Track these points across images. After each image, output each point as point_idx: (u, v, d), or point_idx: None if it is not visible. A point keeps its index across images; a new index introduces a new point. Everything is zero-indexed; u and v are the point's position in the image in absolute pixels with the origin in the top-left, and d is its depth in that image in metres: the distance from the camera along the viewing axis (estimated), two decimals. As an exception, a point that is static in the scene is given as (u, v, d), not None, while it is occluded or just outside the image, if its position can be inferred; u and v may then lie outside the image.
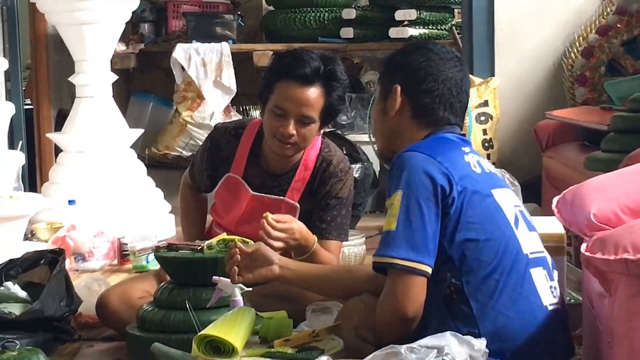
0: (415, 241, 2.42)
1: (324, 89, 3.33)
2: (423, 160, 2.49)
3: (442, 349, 1.88)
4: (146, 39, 6.96)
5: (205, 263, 3.21)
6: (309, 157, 3.49)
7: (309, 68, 3.30)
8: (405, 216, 2.43)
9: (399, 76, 2.67)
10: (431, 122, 2.64)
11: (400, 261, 2.41)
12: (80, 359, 3.37)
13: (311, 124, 3.35)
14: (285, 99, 3.33)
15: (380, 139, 2.76)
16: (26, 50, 6.47)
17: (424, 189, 2.45)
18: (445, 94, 2.64)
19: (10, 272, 3.69)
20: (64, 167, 5.59)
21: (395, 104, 2.65)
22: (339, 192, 3.49)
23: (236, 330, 2.67)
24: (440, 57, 2.66)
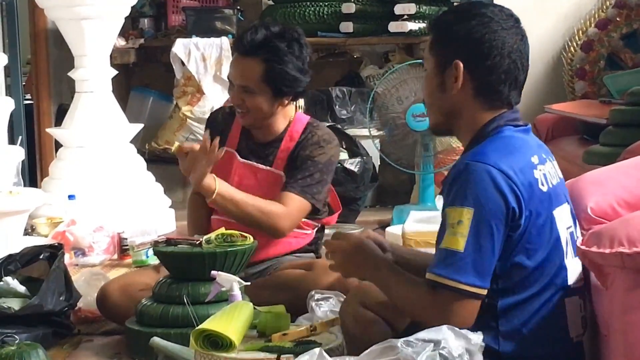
0: (483, 267, 2.28)
1: (261, 61, 3.46)
2: (497, 177, 2.30)
3: (439, 342, 1.88)
4: (146, 34, 6.95)
5: (204, 257, 3.22)
6: (294, 129, 3.59)
7: (248, 40, 3.49)
8: (475, 239, 2.27)
9: (460, 50, 2.41)
10: (494, 102, 2.43)
11: (466, 287, 2.27)
12: (79, 353, 3.38)
13: (254, 94, 3.49)
14: (231, 70, 3.57)
15: (435, 114, 2.52)
16: (26, 45, 6.47)
17: (497, 210, 2.29)
18: (512, 68, 2.41)
19: (9, 267, 3.70)
20: (63, 162, 5.60)
21: (458, 83, 2.41)
22: (317, 157, 3.54)
23: (234, 324, 2.67)
24: (502, 26, 2.40)
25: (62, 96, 6.47)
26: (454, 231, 2.29)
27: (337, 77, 7.17)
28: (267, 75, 3.46)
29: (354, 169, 5.39)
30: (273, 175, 3.56)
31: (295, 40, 3.51)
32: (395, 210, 5.34)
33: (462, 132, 2.49)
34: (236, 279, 3.04)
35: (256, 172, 3.57)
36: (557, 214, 2.40)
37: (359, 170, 5.41)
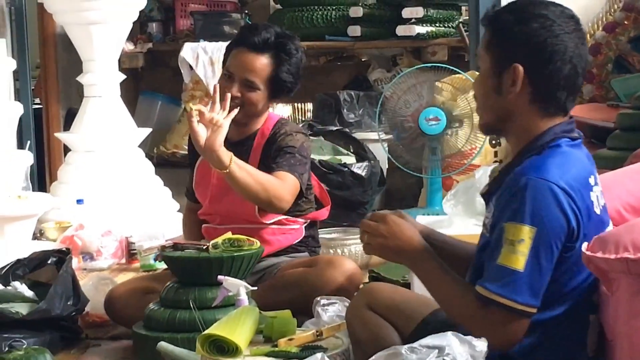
0: (539, 286, 2.24)
1: (272, 59, 3.55)
2: (560, 196, 2.23)
3: (443, 348, 1.88)
4: (154, 38, 6.97)
5: (211, 262, 3.23)
6: (266, 127, 3.64)
7: (260, 37, 3.54)
8: (536, 259, 2.21)
9: (520, 53, 2.31)
10: (550, 108, 2.33)
11: (522, 306, 2.22)
12: (87, 357, 3.39)
13: (256, 90, 3.54)
14: (233, 63, 3.57)
15: (487, 115, 2.42)
16: (35, 50, 6.49)
17: (559, 230, 2.23)
18: (571, 75, 2.31)
19: (17, 271, 3.72)
20: (72, 167, 5.61)
21: (516, 87, 2.32)
22: (290, 143, 3.57)
23: (240, 329, 2.68)
24: (564, 30, 2.30)
25: (71, 100, 6.49)
26: (515, 249, 2.22)
27: (344, 80, 7.18)
28: (274, 74, 3.54)
29: (362, 172, 5.39)
30: None
31: (298, 44, 3.62)
32: (403, 214, 5.33)
33: (513, 136, 2.40)
34: (243, 283, 3.04)
35: None
36: None
37: (367, 174, 5.41)
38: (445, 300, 2.33)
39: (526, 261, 2.21)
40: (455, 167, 5.07)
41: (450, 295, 2.31)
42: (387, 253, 2.44)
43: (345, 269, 3.45)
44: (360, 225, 2.51)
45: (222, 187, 3.57)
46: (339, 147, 5.64)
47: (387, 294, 2.51)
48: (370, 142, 5.89)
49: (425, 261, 2.37)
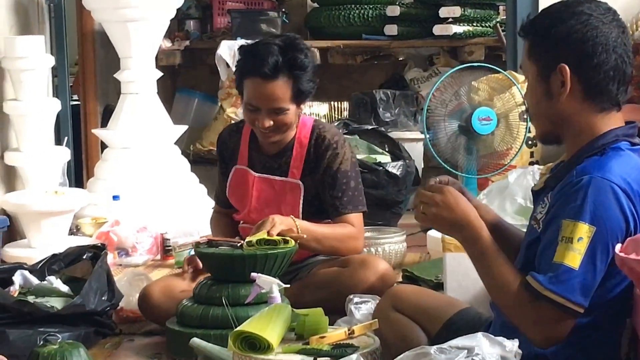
0: (591, 288, 2.23)
1: (289, 78, 3.45)
2: (621, 198, 2.22)
3: (473, 349, 1.87)
4: (191, 36, 7.00)
5: (244, 259, 3.24)
6: (302, 135, 3.59)
7: (269, 64, 3.42)
8: (591, 259, 2.21)
9: (563, 53, 2.30)
10: (604, 102, 2.32)
11: (573, 305, 2.22)
12: (120, 352, 3.41)
13: (285, 112, 3.48)
14: (253, 96, 3.47)
15: (543, 124, 2.41)
16: (74, 47, 6.53)
17: (618, 232, 2.22)
18: (619, 63, 2.29)
19: (53, 266, 3.75)
20: (108, 163, 5.65)
21: (566, 87, 2.31)
22: (341, 166, 3.56)
23: (272, 326, 2.68)
24: (602, 21, 2.29)
25: (108, 97, 6.53)
26: (572, 247, 2.21)
27: (381, 79, 7.17)
28: (296, 90, 3.47)
29: (396, 172, 5.38)
30: (290, 185, 3.58)
31: (305, 47, 3.53)
32: (438, 213, 5.32)
33: (571, 138, 2.38)
34: (276, 281, 3.05)
35: (273, 184, 3.60)
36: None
37: (402, 173, 5.40)
38: (493, 284, 2.32)
39: (582, 260, 2.20)
40: (490, 167, 5.05)
41: (500, 280, 2.30)
42: (441, 224, 2.42)
43: (378, 269, 3.46)
44: (416, 195, 2.48)
45: (263, 199, 3.58)
46: (374, 146, 5.63)
47: (412, 295, 2.51)
48: (406, 141, 5.88)
49: (478, 240, 2.35)
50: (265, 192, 3.59)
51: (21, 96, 5.24)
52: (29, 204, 4.88)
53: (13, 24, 5.51)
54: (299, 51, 3.48)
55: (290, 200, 3.52)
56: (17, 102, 5.25)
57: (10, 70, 5.25)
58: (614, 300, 2.31)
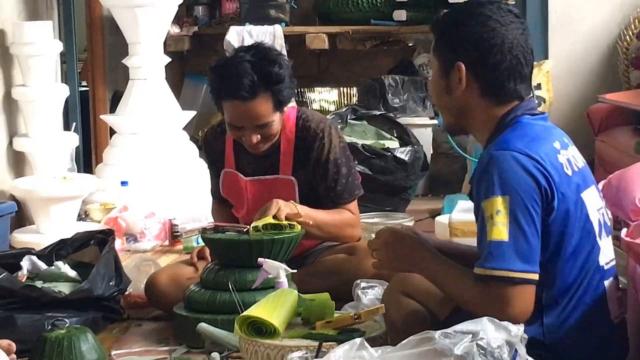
0: (529, 251, 2.29)
1: (268, 94, 3.38)
2: (523, 161, 2.31)
3: (477, 333, 1.87)
4: (200, 22, 6.98)
5: (251, 244, 3.24)
6: (287, 129, 3.54)
7: (245, 86, 3.34)
8: (517, 226, 2.28)
9: (460, 51, 2.44)
10: (503, 98, 2.43)
11: (516, 274, 2.27)
12: (128, 337, 3.42)
13: (270, 124, 3.43)
14: (235, 117, 3.42)
15: (447, 116, 2.55)
16: (82, 32, 6.53)
17: (529, 191, 2.29)
18: (514, 64, 2.41)
19: (61, 251, 3.76)
20: (117, 149, 5.65)
21: (462, 84, 2.44)
22: (329, 155, 3.53)
23: (278, 311, 2.69)
24: (500, 22, 2.41)
25: (117, 83, 6.53)
26: (495, 222, 2.28)
27: (390, 65, 7.15)
28: (277, 101, 3.41)
29: (405, 157, 5.37)
30: (282, 182, 3.55)
31: (275, 55, 3.46)
32: (447, 199, 5.33)
33: (477, 130, 2.50)
34: (282, 266, 3.06)
35: (265, 184, 3.56)
36: (586, 196, 2.40)
37: (410, 159, 5.39)
38: (455, 292, 2.40)
39: (508, 230, 2.27)
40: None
41: (458, 286, 2.38)
42: (394, 263, 2.56)
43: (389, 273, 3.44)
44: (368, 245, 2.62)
45: (259, 200, 3.52)
46: (383, 132, 5.63)
47: (421, 279, 2.53)
48: (414, 127, 5.87)
49: (426, 259, 2.47)
50: (260, 193, 3.54)
51: (29, 82, 5.24)
52: (37, 189, 4.89)
53: (22, 9, 5.51)
54: (272, 63, 3.39)
55: (285, 197, 3.43)
56: (26, 88, 5.26)
57: (18, 56, 5.25)
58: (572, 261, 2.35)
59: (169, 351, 3.19)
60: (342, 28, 6.80)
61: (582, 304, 2.37)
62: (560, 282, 2.35)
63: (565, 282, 2.36)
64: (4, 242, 4.43)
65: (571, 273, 2.36)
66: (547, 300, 2.35)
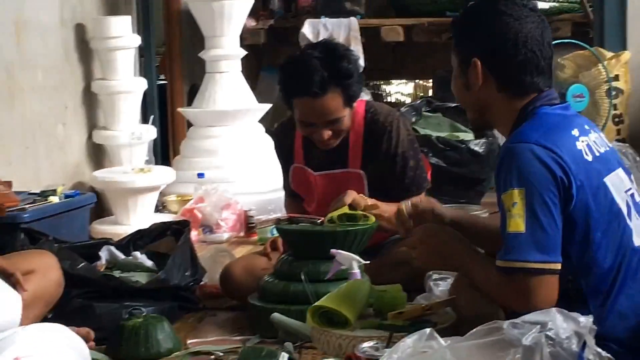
0: (547, 241, 2.31)
1: (338, 88, 3.38)
2: (538, 152, 2.33)
3: (546, 324, 1.87)
4: (276, 15, 7.03)
5: (324, 236, 3.25)
6: (356, 123, 3.54)
7: (315, 82, 3.35)
8: (533, 215, 2.30)
9: (475, 47, 2.47)
10: (520, 91, 2.46)
11: (535, 264, 2.30)
12: (203, 327, 3.45)
13: (341, 119, 3.43)
14: (306, 114, 3.43)
15: (469, 111, 2.60)
16: (160, 27, 6.62)
17: (545, 182, 2.31)
18: (529, 57, 2.44)
19: (138, 242, 3.82)
20: (194, 141, 5.72)
21: (478, 79, 2.47)
22: (397, 147, 3.53)
23: (350, 302, 2.71)
24: (513, 17, 2.44)
25: (194, 76, 6.61)
26: (512, 214, 2.32)
27: (466, 57, 7.10)
28: (347, 97, 3.42)
29: (480, 149, 5.35)
30: (352, 175, 3.55)
31: (344, 50, 3.46)
32: (522, 191, 5.28)
33: (499, 124, 2.54)
34: (356, 257, 3.07)
35: (334, 177, 3.57)
36: (610, 180, 2.41)
37: (485, 151, 5.36)
38: (482, 285, 2.45)
39: (525, 222, 2.29)
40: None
41: (483, 277, 2.43)
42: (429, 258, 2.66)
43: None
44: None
45: (328, 193, 3.53)
46: (458, 124, 5.61)
47: None
48: (490, 119, 5.82)
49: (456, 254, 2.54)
50: (329, 187, 3.55)
51: (109, 76, 5.34)
52: (116, 181, 4.98)
53: (101, 5, 5.61)
54: (341, 59, 3.40)
55: (354, 191, 3.47)
56: (105, 82, 5.36)
57: (98, 51, 5.35)
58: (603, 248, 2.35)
59: (242, 340, 3.22)
60: (417, 20, 6.79)
61: (625, 288, 2.37)
62: (597, 269, 2.36)
63: (601, 269, 2.36)
64: (84, 233, 4.51)
65: (606, 258, 2.36)
66: (588, 289, 2.36)
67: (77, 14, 5.34)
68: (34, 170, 4.85)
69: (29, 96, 4.82)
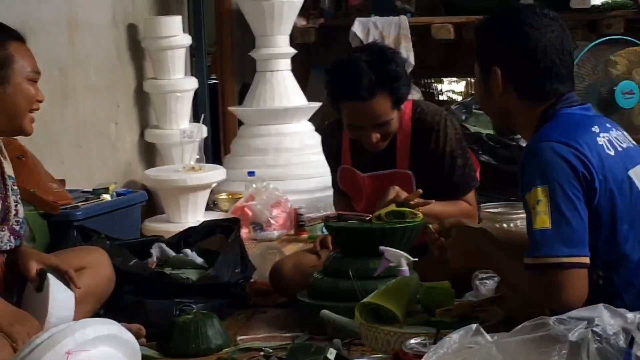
0: (574, 234, 2.32)
1: (386, 92, 3.38)
2: (559, 149, 2.35)
3: (593, 320, 1.86)
4: (326, 14, 7.04)
5: (373, 233, 3.26)
6: (403, 123, 3.53)
7: (364, 86, 3.34)
8: (558, 211, 2.31)
9: (495, 56, 2.51)
10: (541, 98, 2.49)
11: (564, 259, 2.30)
12: (253, 324, 3.47)
13: (389, 122, 3.43)
14: (355, 117, 3.43)
15: (492, 117, 2.65)
16: (211, 26, 6.66)
17: (567, 177, 2.33)
18: (548, 66, 2.47)
19: (188, 239, 3.85)
20: (244, 140, 5.76)
21: (498, 87, 2.51)
22: (445, 146, 3.53)
23: (398, 298, 2.71)
24: (533, 26, 2.47)
25: (245, 75, 6.64)
26: (537, 211, 2.33)
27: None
28: (395, 100, 3.42)
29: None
30: (400, 176, 3.55)
31: (391, 53, 3.46)
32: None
33: (521, 129, 2.57)
34: (404, 254, 3.07)
35: (382, 179, 3.56)
36: (634, 173, 2.42)
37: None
38: (515, 283, 2.46)
39: (550, 218, 2.31)
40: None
41: (515, 276, 2.44)
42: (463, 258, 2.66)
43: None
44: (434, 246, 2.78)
45: (377, 193, 3.53)
46: (508, 122, 5.57)
47: None
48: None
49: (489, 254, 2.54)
50: (378, 188, 3.53)
51: (160, 75, 5.39)
52: (168, 179, 5.02)
53: (152, 4, 5.66)
54: (388, 62, 3.40)
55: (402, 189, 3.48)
56: (157, 81, 5.41)
57: (150, 50, 5.40)
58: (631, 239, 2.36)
59: (292, 337, 3.24)
60: (467, 18, 6.75)
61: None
62: (627, 262, 2.37)
63: (632, 261, 2.37)
64: (136, 230, 4.56)
65: (634, 250, 2.37)
66: (621, 283, 2.37)
67: (128, 14, 5.40)
68: (86, 169, 4.91)
69: (82, 95, 4.88)
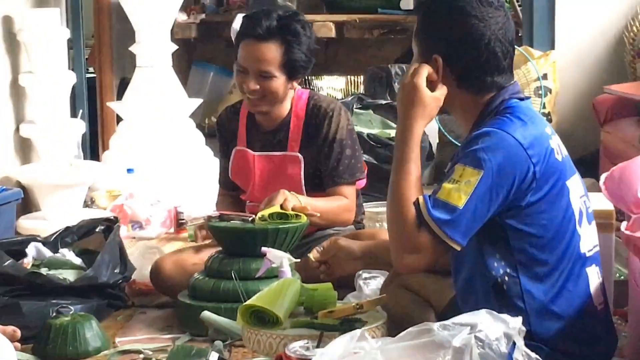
0: (472, 228, 2.33)
1: (280, 44, 3.49)
2: (516, 150, 2.33)
3: (476, 325, 1.88)
4: (207, 9, 7.00)
5: (256, 233, 3.25)
6: (298, 107, 3.63)
7: (263, 25, 3.47)
8: (475, 202, 2.30)
9: (438, 45, 2.44)
10: (481, 90, 2.45)
11: (451, 242, 2.32)
12: (132, 325, 3.43)
13: (272, 78, 3.51)
14: (244, 57, 3.53)
15: None
16: (89, 19, 6.54)
17: (506, 182, 2.31)
18: (490, 58, 2.43)
19: (66, 239, 3.78)
20: (123, 136, 5.67)
21: (439, 77, 2.45)
22: (336, 134, 3.59)
23: (280, 301, 2.70)
24: (478, 18, 2.41)
25: (124, 70, 6.55)
26: (458, 187, 2.32)
27: (397, 54, 7.16)
28: (286, 58, 3.50)
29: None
30: (290, 159, 3.62)
31: (304, 21, 3.58)
32: (451, 189, 5.32)
33: (459, 116, 2.53)
34: (286, 255, 3.07)
35: (273, 159, 3.64)
36: (570, 184, 2.43)
37: (415, 148, 5.38)
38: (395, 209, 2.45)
39: (467, 201, 2.30)
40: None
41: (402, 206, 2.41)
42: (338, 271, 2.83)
43: None
44: None
45: (265, 175, 3.64)
46: (389, 121, 5.63)
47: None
48: (420, 116, 5.85)
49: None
50: (267, 168, 3.64)
51: (36, 69, 5.25)
52: (43, 176, 4.91)
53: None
54: (297, 21, 3.53)
55: (291, 174, 3.58)
56: (33, 75, 5.27)
57: (25, 43, 5.26)
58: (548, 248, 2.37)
59: (172, 339, 3.21)
60: (349, 16, 6.81)
61: (565, 291, 2.39)
62: (540, 268, 2.38)
63: (542, 268, 2.38)
64: (10, 229, 4.45)
65: (549, 258, 2.38)
66: (526, 287, 2.38)
67: (3, 6, 5.25)
68: (-41, 165, 4.77)
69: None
